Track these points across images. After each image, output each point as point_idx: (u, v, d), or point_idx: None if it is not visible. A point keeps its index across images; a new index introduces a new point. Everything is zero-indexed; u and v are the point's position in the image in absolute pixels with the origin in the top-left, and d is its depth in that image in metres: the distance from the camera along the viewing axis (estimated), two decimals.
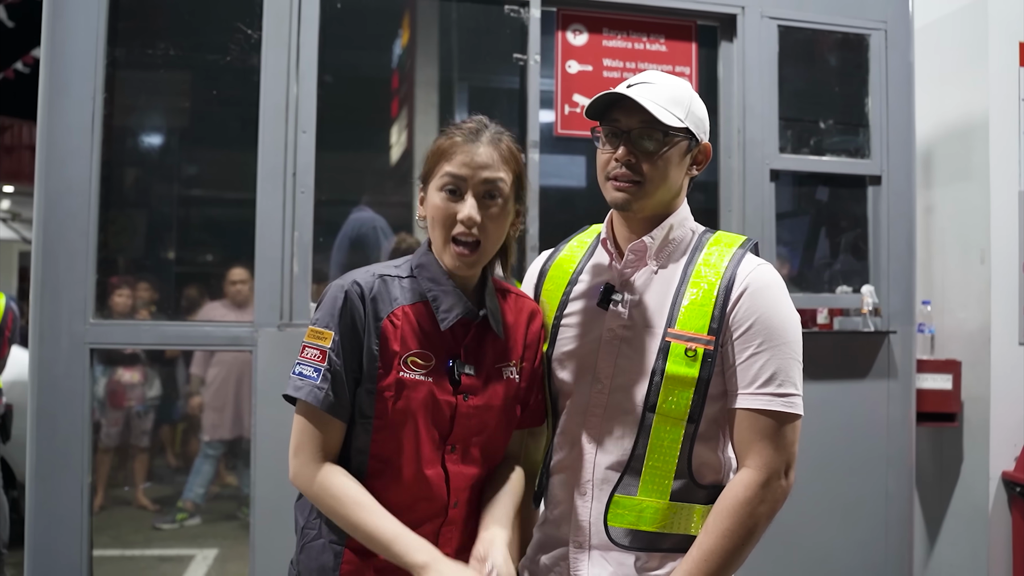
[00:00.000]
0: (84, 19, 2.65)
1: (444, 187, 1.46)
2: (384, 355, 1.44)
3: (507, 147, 1.50)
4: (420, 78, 4.31)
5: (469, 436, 1.51)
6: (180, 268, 4.50)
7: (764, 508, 1.45)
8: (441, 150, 1.48)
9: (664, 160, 1.51)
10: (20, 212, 13.55)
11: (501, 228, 1.50)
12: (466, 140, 1.47)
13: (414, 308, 1.49)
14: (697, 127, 1.54)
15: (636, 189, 1.51)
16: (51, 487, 2.60)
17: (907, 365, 3.27)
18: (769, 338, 1.47)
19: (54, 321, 2.60)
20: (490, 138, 1.48)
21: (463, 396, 1.48)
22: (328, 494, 1.43)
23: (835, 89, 3.53)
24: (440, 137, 1.52)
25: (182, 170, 3.81)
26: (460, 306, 1.49)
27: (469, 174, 1.45)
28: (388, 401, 1.44)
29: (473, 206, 1.45)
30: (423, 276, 1.52)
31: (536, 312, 1.64)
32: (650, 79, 1.54)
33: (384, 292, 1.47)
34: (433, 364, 1.47)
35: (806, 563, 3.17)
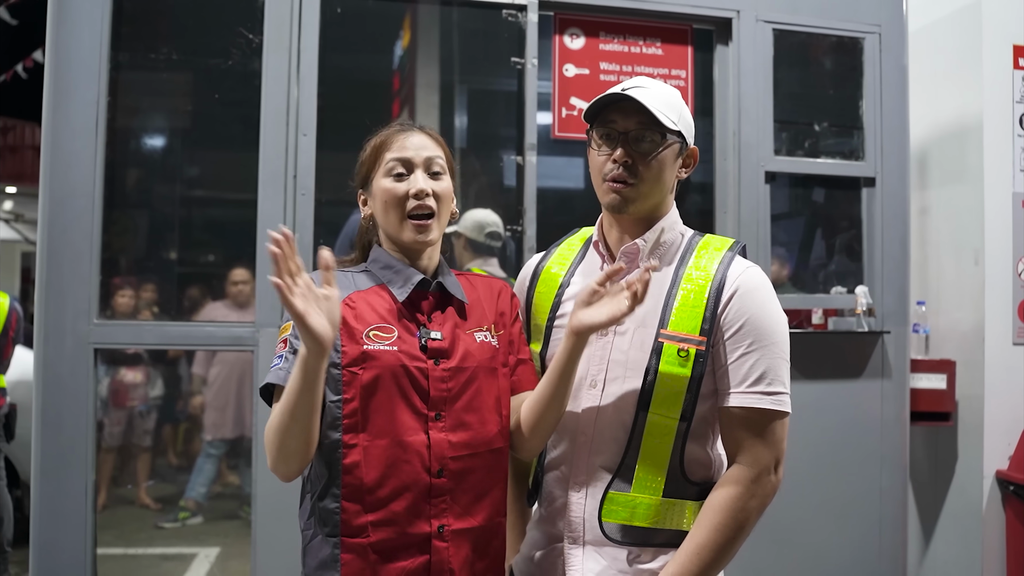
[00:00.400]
0: (88, 24, 2.68)
1: (391, 172, 1.56)
2: (345, 333, 1.48)
3: (435, 133, 1.64)
4: (421, 80, 4.34)
5: (452, 402, 1.53)
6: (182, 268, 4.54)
7: (754, 503, 1.48)
8: (380, 144, 1.60)
9: (659, 161, 1.54)
10: (23, 213, 13.59)
11: (448, 202, 1.60)
12: (400, 130, 1.60)
13: (369, 292, 1.56)
14: (687, 131, 1.58)
15: (632, 191, 1.54)
16: (55, 486, 2.62)
17: (901, 365, 3.30)
18: (759, 338, 1.50)
19: (58, 321, 2.63)
20: (420, 128, 1.62)
21: (434, 361, 1.52)
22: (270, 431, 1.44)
23: (829, 92, 3.56)
24: (371, 139, 1.63)
25: (184, 172, 3.84)
26: (414, 277, 1.57)
27: (413, 154, 1.57)
28: (357, 375, 1.47)
29: (424, 178, 1.56)
30: (376, 268, 1.61)
31: (504, 288, 1.70)
32: (643, 83, 1.57)
33: (339, 280, 1.52)
34: (396, 335, 1.51)
35: (801, 561, 3.20)
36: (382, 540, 1.47)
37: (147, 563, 4.65)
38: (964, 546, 3.78)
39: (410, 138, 1.58)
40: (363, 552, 1.47)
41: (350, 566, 1.47)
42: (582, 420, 1.58)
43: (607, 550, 1.54)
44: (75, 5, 2.68)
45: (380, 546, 1.47)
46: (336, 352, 1.48)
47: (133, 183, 3.45)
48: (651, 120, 1.51)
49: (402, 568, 1.48)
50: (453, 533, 1.51)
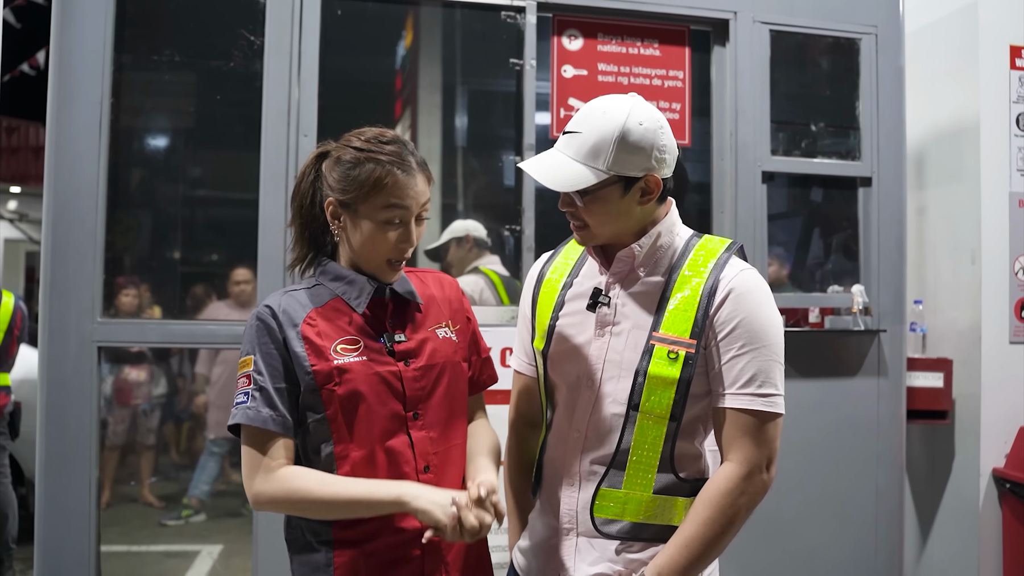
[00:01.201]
0: (92, 26, 2.70)
1: (386, 219, 1.52)
2: (313, 353, 1.50)
3: (424, 164, 1.58)
4: (423, 81, 4.36)
5: (425, 399, 1.57)
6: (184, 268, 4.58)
7: (744, 500, 1.51)
8: (378, 183, 1.51)
9: (597, 208, 1.54)
10: (27, 213, 13.62)
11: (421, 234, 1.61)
12: (403, 173, 1.52)
13: (326, 308, 1.56)
14: (629, 164, 1.52)
15: (586, 232, 1.59)
16: (60, 483, 2.64)
17: (897, 363, 3.32)
18: (751, 340, 1.52)
19: (62, 320, 2.65)
20: (418, 165, 1.55)
21: (404, 362, 1.55)
22: (291, 490, 1.47)
23: (826, 92, 3.58)
24: (368, 163, 1.52)
25: (187, 172, 3.87)
26: (368, 287, 1.57)
27: (413, 206, 1.54)
28: (334, 390, 1.49)
29: (414, 230, 1.55)
30: (326, 280, 1.59)
31: (452, 282, 1.75)
32: (579, 126, 1.55)
33: (293, 303, 1.55)
34: (362, 346, 1.53)
35: (797, 559, 3.22)
36: (376, 542, 1.50)
37: (150, 560, 4.68)
38: (961, 544, 3.80)
39: (412, 185, 1.52)
40: (357, 555, 1.50)
41: (344, 569, 1.50)
42: (577, 418, 1.61)
43: (598, 542, 1.58)
44: (79, 7, 2.70)
45: (373, 547, 1.50)
46: (308, 375, 1.50)
47: (136, 183, 3.48)
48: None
49: (397, 567, 1.51)
50: (434, 548, 1.53)
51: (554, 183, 1.52)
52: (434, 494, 1.44)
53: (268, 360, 1.50)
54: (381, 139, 1.56)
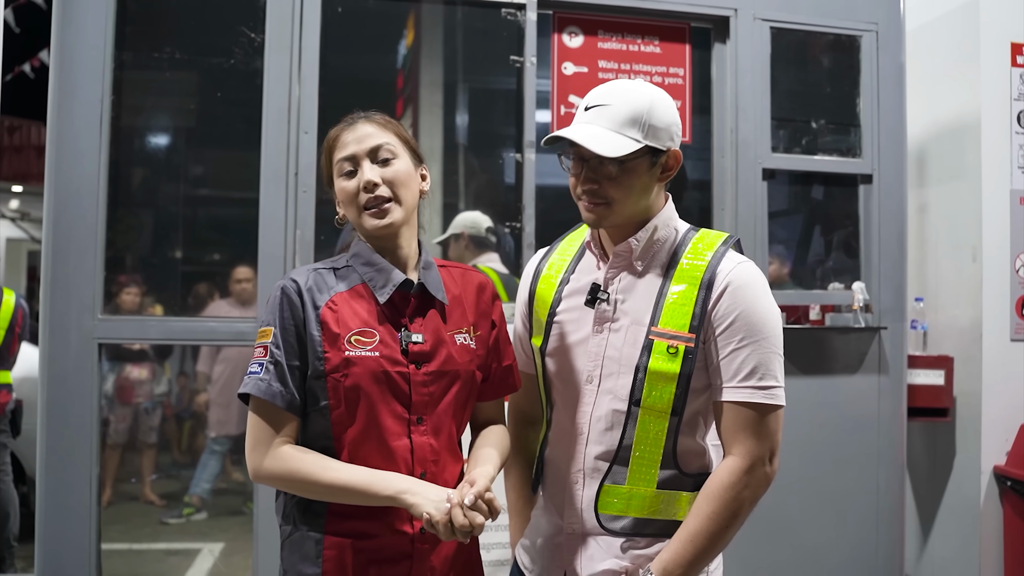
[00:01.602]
0: (92, 24, 2.71)
1: (342, 172, 1.57)
2: (327, 340, 1.50)
3: (381, 118, 1.61)
4: (425, 79, 4.36)
5: (432, 405, 1.55)
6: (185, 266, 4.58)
7: (748, 493, 1.52)
8: (328, 145, 1.61)
9: (626, 181, 1.54)
10: (28, 212, 13.64)
11: (407, 183, 1.58)
12: (345, 126, 1.59)
13: (351, 292, 1.56)
14: (658, 138, 1.54)
15: (604, 209, 1.56)
16: (60, 480, 2.65)
17: (898, 360, 3.31)
18: (750, 333, 1.52)
19: (63, 317, 2.66)
20: (364, 116, 1.60)
21: (415, 365, 1.53)
22: (292, 470, 1.48)
23: (827, 89, 3.57)
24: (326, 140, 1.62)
25: (187, 170, 3.88)
26: (396, 278, 1.56)
27: (356, 149, 1.56)
28: (339, 381, 1.49)
29: (370, 169, 1.55)
30: (357, 263, 1.59)
31: (485, 284, 1.69)
32: (606, 99, 1.56)
33: (320, 282, 1.55)
34: (377, 339, 1.51)
35: (798, 557, 3.22)
36: (365, 539, 1.50)
37: (152, 558, 4.69)
38: (962, 541, 3.80)
39: (354, 131, 1.57)
40: (345, 549, 1.50)
41: (332, 562, 1.49)
42: (579, 415, 1.61)
43: (604, 539, 1.58)
44: (80, 5, 2.70)
45: (362, 545, 1.50)
46: (319, 360, 1.50)
47: (137, 181, 3.48)
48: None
49: (383, 567, 1.51)
50: (425, 546, 1.53)
51: (601, 149, 1.49)
52: (430, 491, 1.44)
53: (286, 335, 1.50)
54: None
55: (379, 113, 1.63)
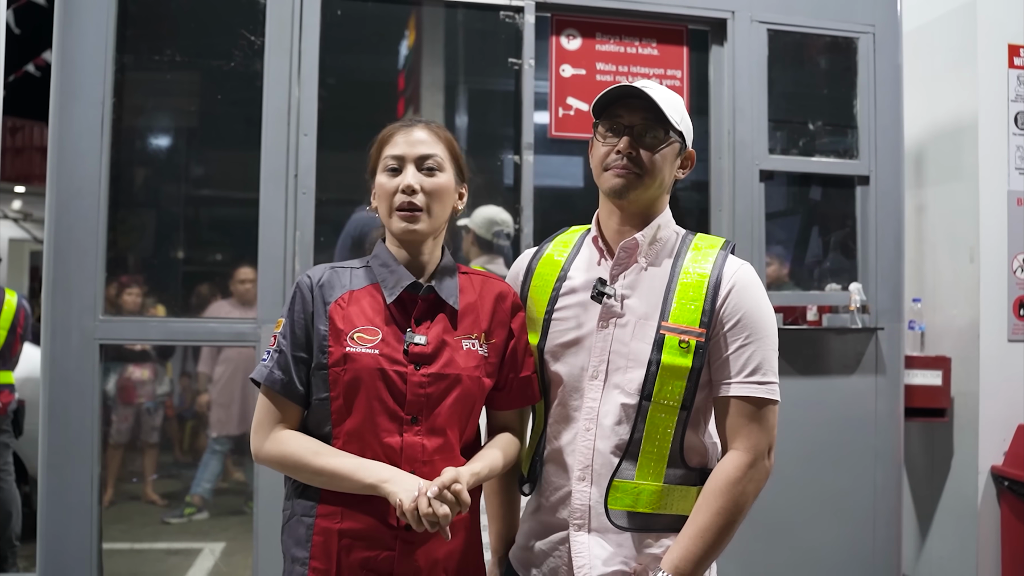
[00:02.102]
0: (94, 26, 2.73)
1: (387, 168, 1.62)
2: (333, 335, 1.56)
3: (439, 128, 1.67)
4: (426, 80, 4.37)
5: (430, 407, 1.56)
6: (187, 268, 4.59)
7: (751, 487, 1.55)
8: (381, 139, 1.66)
9: (662, 156, 1.61)
10: (31, 212, 13.67)
11: (444, 197, 1.63)
12: (402, 126, 1.65)
13: (363, 291, 1.61)
14: (688, 133, 1.65)
15: (635, 178, 1.60)
16: (62, 478, 2.67)
17: (895, 361, 3.32)
18: (754, 331, 1.57)
19: (65, 318, 2.68)
20: (422, 122, 1.66)
21: (414, 366, 1.56)
22: (286, 453, 1.55)
23: (824, 91, 3.59)
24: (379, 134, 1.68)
25: (188, 171, 3.88)
26: (405, 279, 1.60)
27: (406, 151, 1.61)
28: (339, 375, 1.54)
29: (412, 174, 1.59)
30: (376, 263, 1.64)
31: (506, 294, 1.70)
32: (649, 85, 1.63)
33: (334, 279, 1.62)
34: (379, 337, 1.56)
35: (795, 557, 3.23)
36: (351, 529, 1.53)
37: (153, 558, 4.69)
38: (960, 541, 3.82)
39: (409, 135, 1.62)
40: (332, 536, 1.54)
41: (319, 547, 1.54)
42: (585, 411, 1.62)
43: (612, 536, 1.59)
44: (81, 7, 2.73)
45: (349, 533, 1.53)
46: (323, 353, 1.56)
47: (138, 182, 3.50)
48: (656, 117, 1.58)
49: (366, 558, 1.53)
50: (419, 534, 1.53)
51: (668, 110, 1.58)
52: (408, 481, 1.48)
53: (294, 328, 1.58)
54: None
55: (438, 124, 1.68)
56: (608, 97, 1.62)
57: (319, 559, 1.53)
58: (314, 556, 1.54)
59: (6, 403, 4.60)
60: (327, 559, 1.53)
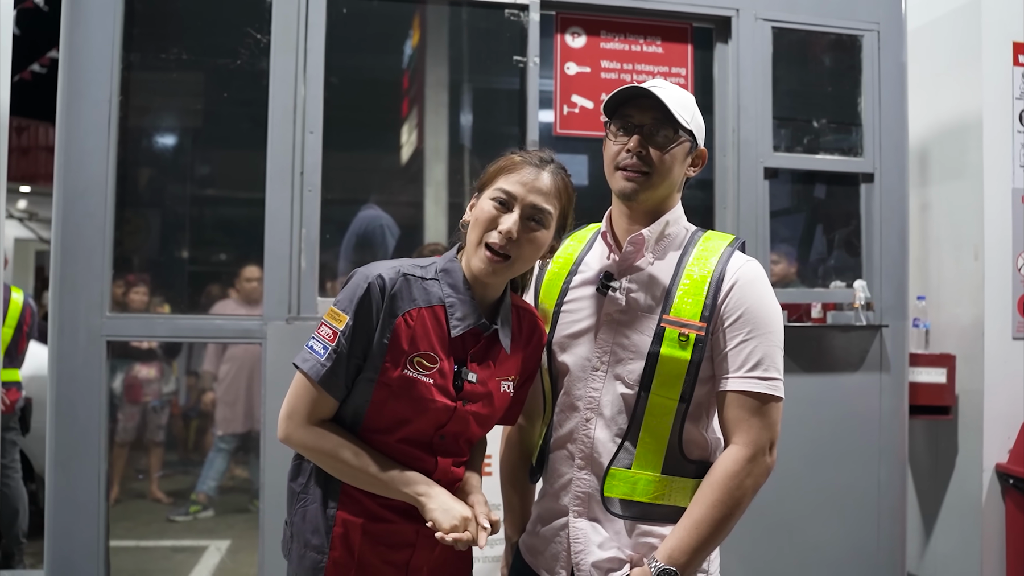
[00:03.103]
0: (101, 25, 2.75)
1: (495, 198, 1.55)
2: (393, 351, 1.53)
3: (564, 182, 1.60)
4: (430, 79, 4.38)
5: (460, 432, 1.61)
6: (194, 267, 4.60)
7: (750, 481, 1.56)
8: (506, 166, 1.59)
9: (671, 155, 1.62)
10: (37, 212, 13.71)
11: (534, 253, 1.59)
12: (531, 164, 1.58)
13: (430, 311, 1.57)
14: (699, 132, 1.66)
15: (644, 179, 1.61)
16: (69, 475, 2.69)
17: (899, 358, 3.33)
18: (756, 327, 1.58)
19: (72, 315, 2.70)
20: (553, 169, 1.59)
21: (462, 402, 1.58)
22: (325, 449, 1.55)
23: (828, 89, 3.59)
24: (510, 154, 1.62)
25: (195, 170, 3.90)
26: (473, 316, 1.58)
27: (522, 193, 1.54)
28: (388, 393, 1.54)
29: (515, 221, 1.53)
30: (445, 281, 1.60)
31: (536, 328, 1.72)
32: (660, 84, 1.65)
33: (405, 291, 1.55)
34: (438, 367, 1.55)
35: (799, 553, 3.23)
36: (375, 522, 1.56)
37: (159, 555, 4.71)
38: (964, 539, 3.82)
39: (535, 176, 1.55)
40: (355, 529, 1.56)
41: (340, 539, 1.56)
42: (586, 400, 1.65)
43: (609, 524, 1.62)
44: (88, 8, 2.74)
45: (371, 528, 1.56)
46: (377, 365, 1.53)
47: (144, 180, 3.51)
48: (666, 116, 1.59)
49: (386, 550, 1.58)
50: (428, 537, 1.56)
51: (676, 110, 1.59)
52: (445, 499, 1.53)
53: (358, 331, 1.52)
54: (535, 150, 1.63)
55: (566, 173, 1.62)
56: (619, 97, 1.63)
57: (339, 550, 1.56)
58: (334, 547, 1.56)
59: (13, 401, 4.62)
60: (347, 551, 1.56)
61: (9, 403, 4.58)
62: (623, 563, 1.60)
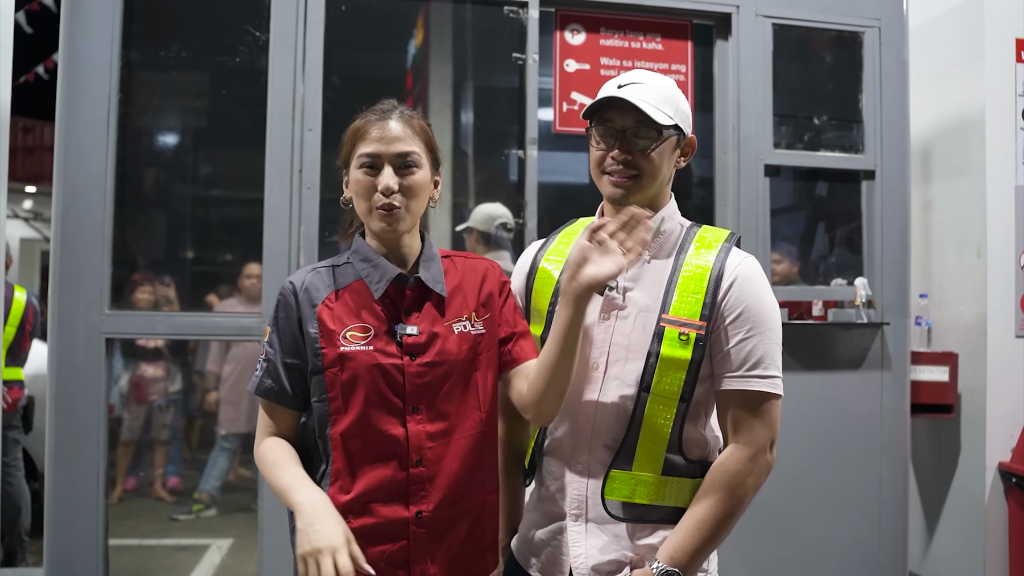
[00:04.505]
0: (100, 23, 2.75)
1: (362, 165, 1.57)
2: (324, 336, 1.56)
3: (416, 121, 1.62)
4: (434, 78, 4.38)
5: (430, 395, 1.57)
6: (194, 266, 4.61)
7: (751, 480, 1.55)
8: (356, 131, 1.60)
9: (658, 155, 1.60)
10: (42, 212, 13.74)
11: (422, 194, 1.61)
12: (377, 120, 1.59)
13: (348, 289, 1.60)
14: (684, 122, 1.63)
15: (632, 183, 1.60)
16: (69, 472, 2.69)
17: (901, 356, 3.31)
18: (756, 324, 1.56)
19: (72, 312, 2.70)
20: (399, 115, 1.60)
21: (410, 357, 1.56)
22: (260, 462, 1.59)
23: (829, 86, 3.57)
24: (353, 120, 1.63)
25: (194, 168, 3.91)
26: (389, 273, 1.59)
27: (383, 149, 1.56)
28: (336, 376, 1.54)
29: (390, 175, 1.56)
30: (356, 259, 1.63)
31: (489, 270, 1.71)
32: (639, 79, 1.62)
33: (317, 282, 1.60)
34: (372, 333, 1.56)
35: (801, 552, 3.22)
36: (363, 526, 1.53)
37: (161, 554, 4.72)
38: (967, 537, 3.80)
39: (385, 129, 1.57)
40: None
41: None
42: (584, 402, 1.63)
43: (609, 526, 1.60)
44: (87, 6, 2.74)
45: (361, 531, 1.52)
46: (317, 356, 1.55)
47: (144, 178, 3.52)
48: (646, 118, 1.57)
49: (381, 552, 1.54)
50: (431, 519, 1.56)
51: (654, 113, 1.57)
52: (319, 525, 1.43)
53: (281, 335, 1.59)
54: (375, 104, 1.64)
55: (412, 112, 1.63)
56: (596, 103, 1.62)
57: None
58: None
59: (16, 399, 4.64)
60: None
61: (11, 401, 4.60)
62: (623, 566, 1.58)
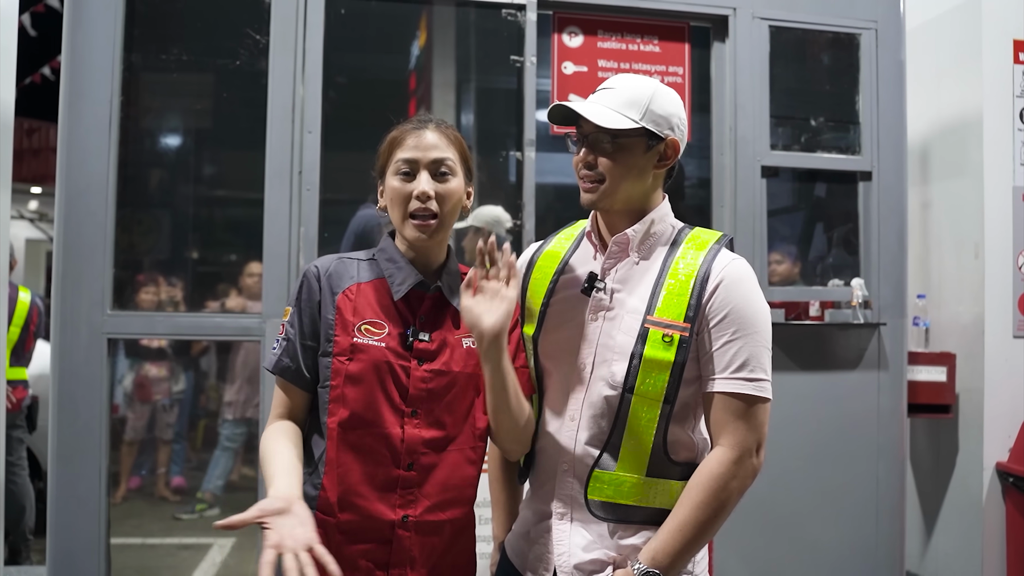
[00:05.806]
0: (102, 26, 2.78)
1: (399, 172, 1.62)
2: (340, 324, 1.59)
3: (449, 131, 1.67)
4: (437, 80, 4.40)
5: (431, 401, 1.60)
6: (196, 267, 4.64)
7: (736, 483, 1.54)
8: (392, 141, 1.66)
9: (621, 158, 1.61)
10: (47, 213, 13.80)
11: (456, 203, 1.65)
12: (414, 129, 1.64)
13: (371, 284, 1.64)
14: (658, 124, 1.61)
15: (599, 188, 1.62)
16: (71, 471, 2.71)
17: (898, 357, 3.32)
18: (742, 327, 1.56)
19: (74, 312, 2.73)
20: (435, 125, 1.66)
21: (417, 361, 1.60)
22: (262, 447, 1.60)
23: (826, 87, 3.58)
24: (390, 131, 1.68)
25: (195, 169, 3.93)
26: (412, 278, 1.64)
27: (420, 156, 1.61)
28: (343, 365, 1.57)
29: (427, 181, 1.60)
30: (382, 258, 1.68)
31: None
32: (614, 84, 1.64)
33: (342, 270, 1.65)
34: (386, 331, 1.59)
35: (798, 552, 3.23)
36: (349, 521, 1.56)
37: (164, 553, 4.75)
38: (965, 538, 3.81)
39: (421, 138, 1.62)
40: (331, 529, 1.55)
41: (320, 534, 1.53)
42: (571, 401, 1.65)
43: (592, 526, 1.61)
44: (90, 8, 2.77)
45: (346, 526, 1.56)
46: (329, 342, 1.59)
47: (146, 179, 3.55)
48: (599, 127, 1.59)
49: (364, 550, 1.56)
50: (417, 524, 1.58)
51: (595, 118, 1.58)
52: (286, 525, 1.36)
53: (301, 316, 1.62)
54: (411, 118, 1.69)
55: (448, 125, 1.69)
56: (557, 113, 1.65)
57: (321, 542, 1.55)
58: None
59: (20, 399, 4.67)
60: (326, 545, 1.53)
61: (16, 401, 4.63)
62: (606, 565, 1.59)
